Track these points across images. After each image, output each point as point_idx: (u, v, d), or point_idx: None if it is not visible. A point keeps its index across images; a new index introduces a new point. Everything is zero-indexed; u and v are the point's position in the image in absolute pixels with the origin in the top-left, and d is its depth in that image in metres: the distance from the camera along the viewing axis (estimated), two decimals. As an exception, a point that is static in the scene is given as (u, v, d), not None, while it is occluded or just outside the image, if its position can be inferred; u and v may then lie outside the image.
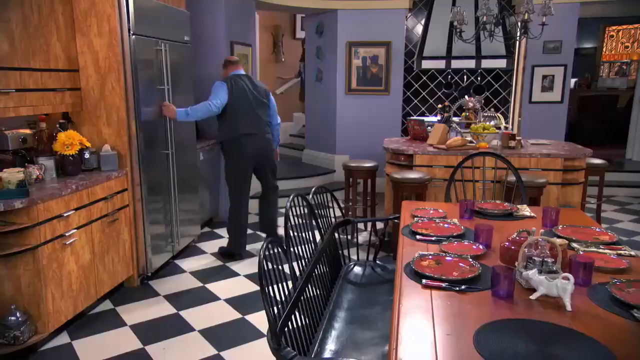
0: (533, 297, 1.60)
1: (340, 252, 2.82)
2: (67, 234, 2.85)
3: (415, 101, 7.48)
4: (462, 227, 2.38)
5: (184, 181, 4.10)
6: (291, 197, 2.23)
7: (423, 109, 7.44)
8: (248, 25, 5.56)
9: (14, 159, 2.87)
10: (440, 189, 4.25)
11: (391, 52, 6.37)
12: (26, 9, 2.82)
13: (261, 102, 4.06)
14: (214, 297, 3.44)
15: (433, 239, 2.26)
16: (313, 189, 2.61)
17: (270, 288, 1.67)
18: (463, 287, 1.72)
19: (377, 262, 2.86)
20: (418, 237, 2.29)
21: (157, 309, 3.27)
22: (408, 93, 7.21)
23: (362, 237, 4.81)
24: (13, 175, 2.60)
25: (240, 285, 3.66)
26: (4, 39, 2.67)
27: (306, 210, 2.51)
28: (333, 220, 2.80)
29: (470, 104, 6.42)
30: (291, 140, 8.66)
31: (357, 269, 2.77)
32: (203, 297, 3.45)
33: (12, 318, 2.57)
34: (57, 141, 3.07)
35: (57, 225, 2.77)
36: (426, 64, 6.78)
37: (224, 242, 4.59)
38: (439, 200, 4.17)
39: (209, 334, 2.94)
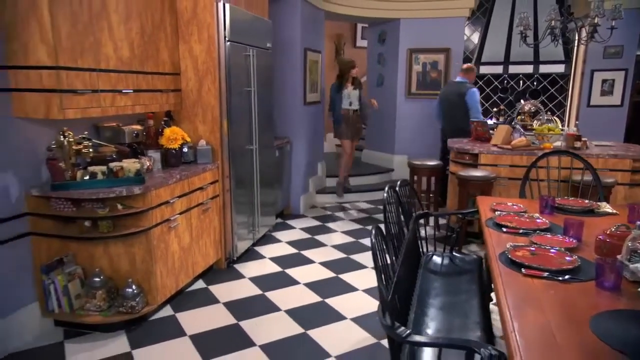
0: (643, 289, 1.51)
1: (418, 242, 2.78)
2: (171, 219, 2.97)
3: (471, 105, 7.28)
4: (548, 221, 2.28)
5: (264, 175, 4.18)
6: (386, 188, 2.22)
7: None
8: (318, 34, 5.60)
9: (129, 151, 3.02)
10: (505, 187, 4.11)
11: (450, 58, 6.23)
12: (143, 19, 2.96)
13: (451, 102, 4.92)
14: (294, 281, 3.48)
15: (520, 231, 2.18)
16: (399, 182, 2.59)
17: (380, 271, 1.65)
18: (566, 277, 1.65)
19: (454, 253, 2.80)
20: (504, 229, 2.22)
21: (244, 289, 3.35)
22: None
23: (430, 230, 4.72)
24: (131, 165, 2.74)
25: (316, 271, 3.69)
26: (127, 46, 2.82)
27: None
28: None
29: (527, 107, 6.19)
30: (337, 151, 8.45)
31: (436, 259, 2.72)
32: (284, 280, 3.50)
33: (129, 290, 2.71)
34: (163, 136, 3.21)
35: (164, 210, 2.89)
36: (484, 69, 6.61)
37: (295, 232, 4.65)
38: (504, 197, 4.03)
39: (294, 314, 2.98)
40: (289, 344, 2.62)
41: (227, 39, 3.40)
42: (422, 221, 2.79)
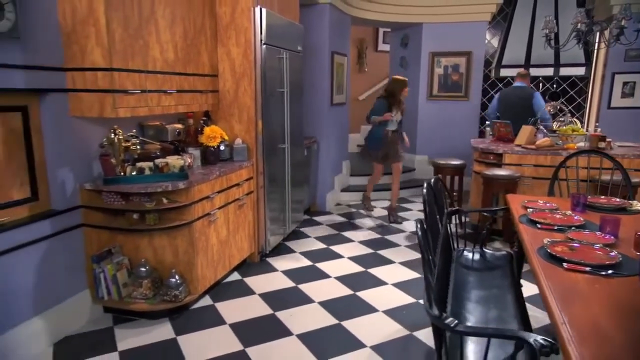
0: (689, 284, 1.47)
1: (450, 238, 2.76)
2: (211, 213, 3.00)
3: (491, 107, 7.18)
4: (582, 218, 2.24)
5: (294, 173, 4.19)
6: (425, 184, 2.21)
7: (497, 114, 7.13)
8: (345, 38, 5.59)
9: (173, 148, 3.06)
10: (529, 186, 4.05)
11: (472, 61, 6.15)
12: (186, 23, 3.01)
13: (515, 104, 4.84)
14: (325, 275, 3.49)
15: (555, 227, 2.14)
16: (432, 179, 2.56)
17: (427, 260, 1.64)
18: (610, 272, 1.61)
19: (484, 249, 2.76)
20: (539, 225, 2.18)
21: (278, 281, 3.36)
22: (484, 99, 6.95)
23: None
24: (176, 161, 2.78)
25: (345, 265, 3.68)
26: (172, 48, 2.87)
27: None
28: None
29: (547, 109, 6.07)
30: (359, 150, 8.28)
31: (468, 255, 2.69)
32: (315, 274, 3.51)
33: (173, 280, 2.75)
34: (203, 134, 3.25)
35: (205, 205, 2.93)
36: (504, 72, 6.51)
37: (323, 228, 4.66)
38: (529, 196, 3.97)
39: (327, 305, 2.98)
40: (325, 334, 2.63)
41: (263, 42, 3.43)
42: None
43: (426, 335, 2.60)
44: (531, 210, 2.43)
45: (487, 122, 5.66)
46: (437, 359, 1.65)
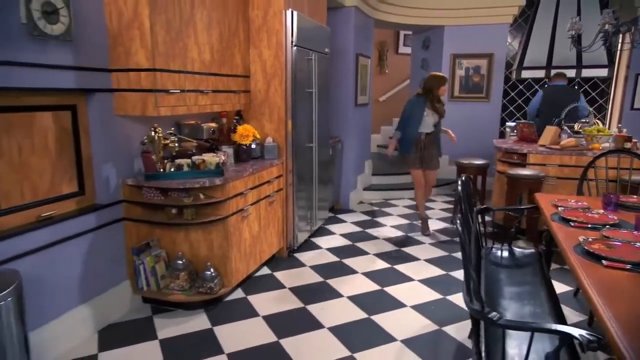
0: None
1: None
2: (244, 209, 3.03)
3: (511, 108, 7.10)
4: (616, 217, 2.19)
5: (321, 171, 4.20)
6: (459, 182, 2.19)
7: (518, 115, 7.04)
8: (368, 40, 5.58)
9: (209, 145, 3.10)
10: (553, 186, 3.97)
11: (493, 63, 6.06)
12: (222, 26, 3.04)
13: (561, 103, 4.67)
14: (352, 271, 3.48)
15: (589, 226, 2.10)
16: (463, 177, 2.54)
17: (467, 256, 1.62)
18: (652, 269, 1.57)
19: (512, 247, 2.72)
20: (572, 223, 2.14)
21: (306, 276, 3.37)
22: (504, 101, 6.85)
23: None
24: (212, 158, 2.81)
25: (371, 262, 3.67)
26: (208, 50, 2.90)
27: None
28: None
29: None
30: (379, 150, 8.23)
31: (497, 252, 2.66)
32: (342, 269, 3.51)
33: (208, 273, 2.78)
34: (237, 133, 3.28)
35: (239, 201, 2.95)
36: (526, 74, 6.42)
37: (347, 225, 4.65)
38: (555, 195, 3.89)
39: (356, 300, 2.98)
40: (355, 328, 2.62)
41: (293, 44, 3.44)
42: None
43: (456, 330, 2.58)
44: (562, 208, 2.38)
45: (507, 123, 5.57)
46: (475, 353, 1.63)
